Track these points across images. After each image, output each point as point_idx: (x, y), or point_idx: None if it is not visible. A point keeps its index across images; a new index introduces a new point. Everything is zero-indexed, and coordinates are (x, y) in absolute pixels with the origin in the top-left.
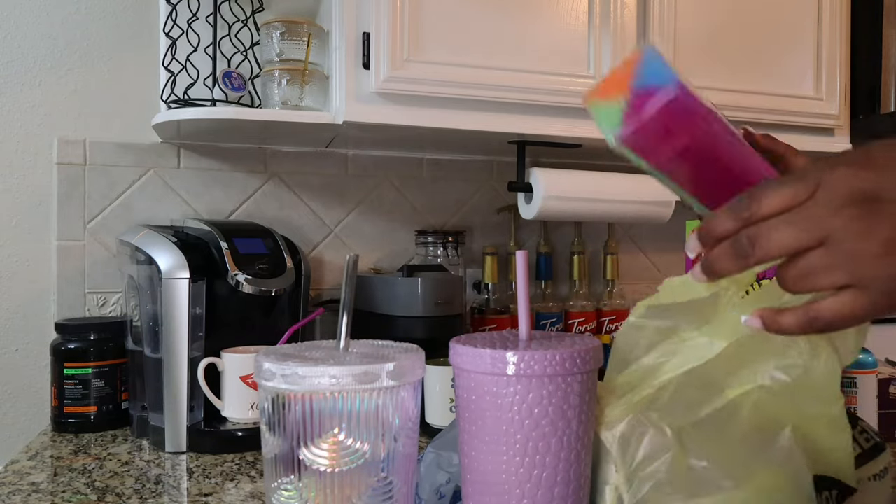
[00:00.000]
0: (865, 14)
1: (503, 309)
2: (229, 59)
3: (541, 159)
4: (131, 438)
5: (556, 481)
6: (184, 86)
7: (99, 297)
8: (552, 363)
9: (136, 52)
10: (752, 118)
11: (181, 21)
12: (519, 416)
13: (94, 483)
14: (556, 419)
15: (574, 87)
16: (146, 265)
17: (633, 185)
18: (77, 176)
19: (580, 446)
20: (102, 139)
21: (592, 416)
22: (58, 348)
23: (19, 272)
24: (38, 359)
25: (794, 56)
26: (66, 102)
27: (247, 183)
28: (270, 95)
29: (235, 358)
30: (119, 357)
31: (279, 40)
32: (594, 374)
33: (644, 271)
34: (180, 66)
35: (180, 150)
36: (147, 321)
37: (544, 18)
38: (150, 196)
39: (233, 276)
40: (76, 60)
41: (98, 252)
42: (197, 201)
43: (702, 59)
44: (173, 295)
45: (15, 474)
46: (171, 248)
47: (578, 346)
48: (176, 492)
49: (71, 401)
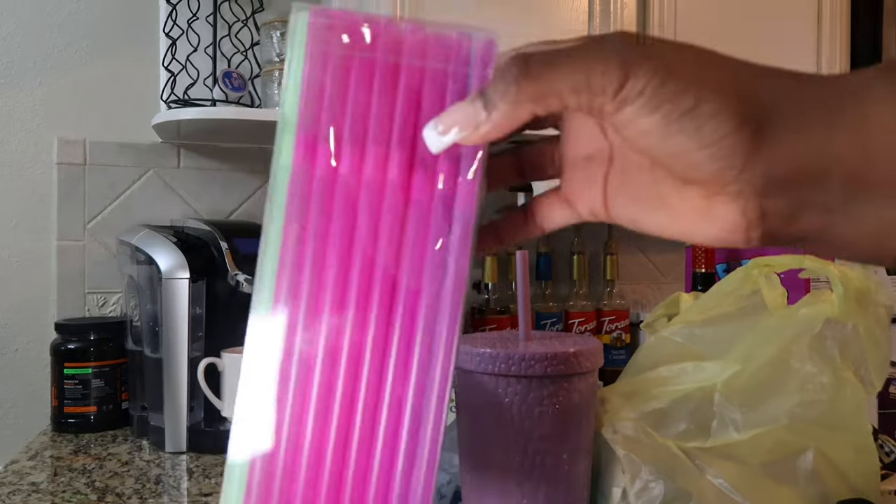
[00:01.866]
0: (865, 14)
1: (503, 309)
2: (229, 59)
3: None
4: (131, 438)
5: (556, 481)
6: (184, 86)
7: (99, 297)
8: (552, 363)
9: (136, 52)
10: None
11: (181, 21)
12: (519, 416)
13: (94, 483)
14: (557, 419)
15: None
16: (146, 265)
17: None
18: (77, 176)
19: (580, 446)
20: (102, 139)
21: (592, 416)
22: (58, 348)
23: (19, 272)
24: (38, 359)
25: (794, 56)
26: (66, 102)
27: (247, 183)
28: (270, 95)
29: (235, 358)
30: (119, 357)
31: (279, 40)
32: (594, 374)
33: (644, 271)
34: (180, 66)
35: (180, 150)
36: (147, 321)
37: (544, 18)
38: (150, 196)
39: (233, 276)
40: (76, 60)
41: (98, 252)
42: (197, 201)
43: None
44: (173, 295)
45: (15, 474)
46: (170, 248)
47: (578, 346)
48: (176, 492)
49: (71, 401)
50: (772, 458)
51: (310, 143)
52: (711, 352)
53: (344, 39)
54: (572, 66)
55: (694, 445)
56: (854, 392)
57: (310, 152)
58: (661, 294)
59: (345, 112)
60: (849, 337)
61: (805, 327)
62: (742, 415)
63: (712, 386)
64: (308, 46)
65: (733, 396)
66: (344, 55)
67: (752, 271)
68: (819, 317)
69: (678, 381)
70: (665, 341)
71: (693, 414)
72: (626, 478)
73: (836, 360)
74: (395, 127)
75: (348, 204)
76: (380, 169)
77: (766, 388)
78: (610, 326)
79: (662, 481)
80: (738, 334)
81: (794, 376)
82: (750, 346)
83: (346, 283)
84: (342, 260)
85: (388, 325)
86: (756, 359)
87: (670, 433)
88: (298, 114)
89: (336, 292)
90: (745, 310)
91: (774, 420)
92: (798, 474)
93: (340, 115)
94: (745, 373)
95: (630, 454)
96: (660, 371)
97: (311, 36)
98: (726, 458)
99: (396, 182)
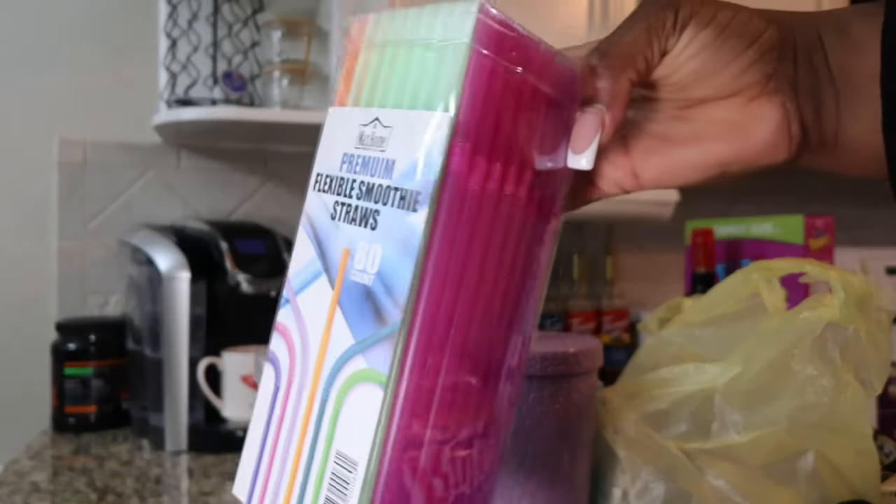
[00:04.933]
0: None
1: None
2: (229, 59)
3: None
4: (131, 438)
5: (556, 481)
6: (184, 86)
7: (99, 297)
8: (552, 363)
9: (136, 52)
10: None
11: (181, 21)
12: (519, 415)
13: (95, 483)
14: (557, 419)
15: None
16: (146, 265)
17: None
18: (78, 176)
19: (580, 446)
20: (103, 139)
21: (592, 416)
22: (58, 348)
23: (20, 272)
24: (38, 359)
25: None
26: (67, 102)
27: (247, 183)
28: (270, 95)
29: (235, 358)
30: (119, 357)
31: (279, 40)
32: (594, 374)
33: (644, 271)
34: (180, 66)
35: (180, 151)
36: (147, 321)
37: (544, 19)
38: (150, 196)
39: (233, 276)
40: (77, 60)
41: (98, 252)
42: (197, 201)
43: None
44: (173, 295)
45: (15, 474)
46: (170, 248)
47: (578, 346)
48: (176, 492)
49: (71, 401)
50: (772, 459)
51: (467, 152)
52: (711, 353)
53: (507, 51)
54: (633, 25)
55: (695, 446)
56: (854, 395)
57: (468, 162)
58: (661, 294)
59: (500, 131)
60: (850, 340)
61: (806, 330)
62: (743, 417)
63: (713, 388)
64: (473, 52)
65: (734, 398)
66: (506, 69)
67: (752, 275)
68: (820, 320)
69: (679, 383)
70: (665, 342)
71: (694, 415)
72: (626, 478)
73: (837, 362)
74: (531, 151)
75: (489, 222)
76: (516, 188)
77: (766, 390)
78: (610, 326)
79: (663, 482)
80: (738, 336)
81: (794, 379)
82: (751, 349)
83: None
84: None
85: None
86: (757, 361)
87: (671, 434)
88: (457, 121)
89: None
90: (746, 312)
91: (775, 422)
92: (798, 476)
93: (496, 133)
94: (745, 375)
95: (631, 455)
96: (661, 372)
97: (478, 38)
98: (727, 460)
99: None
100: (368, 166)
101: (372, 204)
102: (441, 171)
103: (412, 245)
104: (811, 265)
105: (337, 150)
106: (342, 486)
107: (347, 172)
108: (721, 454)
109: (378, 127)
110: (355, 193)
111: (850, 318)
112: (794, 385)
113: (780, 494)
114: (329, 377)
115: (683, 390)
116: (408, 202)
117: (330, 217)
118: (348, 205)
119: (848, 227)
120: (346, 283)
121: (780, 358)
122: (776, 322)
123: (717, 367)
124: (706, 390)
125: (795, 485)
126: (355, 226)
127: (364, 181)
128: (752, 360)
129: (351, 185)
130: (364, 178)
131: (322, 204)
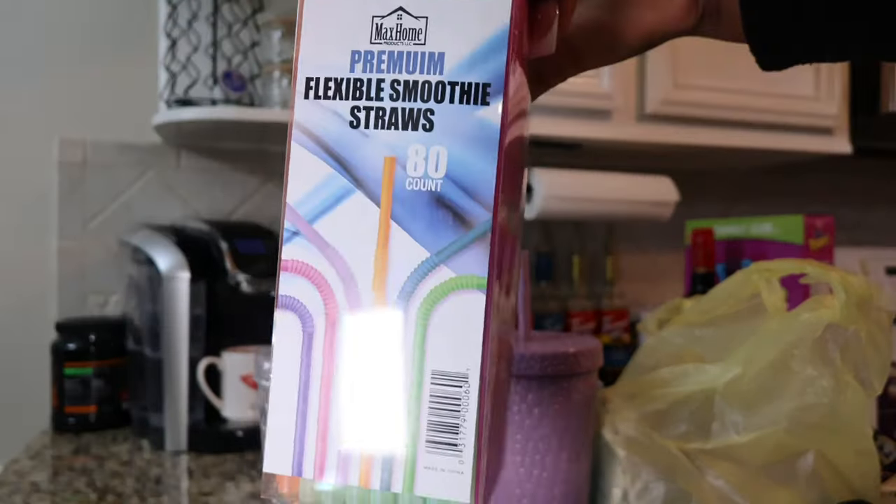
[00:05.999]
0: None
1: None
2: (229, 59)
3: (541, 159)
4: (131, 438)
5: (556, 481)
6: (184, 86)
7: (99, 297)
8: (552, 363)
9: (136, 52)
10: (751, 118)
11: (181, 21)
12: (519, 415)
13: (95, 483)
14: (557, 419)
15: (574, 87)
16: (146, 265)
17: (633, 185)
18: (77, 176)
19: (580, 446)
20: (103, 139)
21: (592, 416)
22: (58, 348)
23: (20, 272)
24: (38, 359)
25: None
26: (67, 102)
27: (247, 183)
28: (270, 95)
29: (235, 358)
30: (119, 357)
31: (279, 40)
32: (594, 374)
33: (644, 271)
34: (180, 66)
35: (180, 151)
36: (147, 321)
37: None
38: (150, 196)
39: (233, 276)
40: (76, 60)
41: (98, 252)
42: (197, 201)
43: (701, 59)
44: (173, 295)
45: (15, 474)
46: (170, 248)
47: (578, 346)
48: (176, 492)
49: (71, 401)
50: (772, 459)
51: (516, 38)
52: (711, 353)
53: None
54: None
55: (695, 447)
56: (855, 395)
57: (518, 47)
58: (661, 294)
59: (519, 24)
60: (850, 341)
61: (807, 331)
62: (743, 417)
63: (713, 388)
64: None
65: (734, 399)
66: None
67: (752, 275)
68: (821, 321)
69: (679, 383)
70: (665, 342)
71: (694, 415)
72: (626, 478)
73: (837, 363)
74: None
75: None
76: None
77: (767, 390)
78: (610, 326)
79: (663, 482)
80: (738, 336)
81: (795, 379)
82: (751, 349)
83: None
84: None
85: None
86: (757, 362)
87: (671, 434)
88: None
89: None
90: (746, 312)
91: (775, 423)
92: (798, 476)
93: (520, 22)
94: (746, 375)
95: (631, 455)
96: (661, 372)
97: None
98: (727, 460)
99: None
100: (401, 62)
101: (419, 103)
102: (508, 57)
103: (491, 139)
104: (812, 266)
105: (337, 47)
106: (452, 406)
107: (366, 73)
108: (721, 454)
109: (406, 17)
110: (387, 94)
111: (850, 319)
112: (794, 385)
113: (780, 494)
114: (399, 299)
115: (683, 390)
116: (474, 96)
117: (350, 125)
118: (379, 108)
119: (848, 227)
120: (399, 194)
121: (781, 358)
122: (776, 323)
123: (717, 368)
124: (706, 391)
125: (795, 485)
126: (397, 130)
127: (398, 80)
128: (752, 360)
129: (378, 85)
130: (397, 77)
131: (329, 112)
